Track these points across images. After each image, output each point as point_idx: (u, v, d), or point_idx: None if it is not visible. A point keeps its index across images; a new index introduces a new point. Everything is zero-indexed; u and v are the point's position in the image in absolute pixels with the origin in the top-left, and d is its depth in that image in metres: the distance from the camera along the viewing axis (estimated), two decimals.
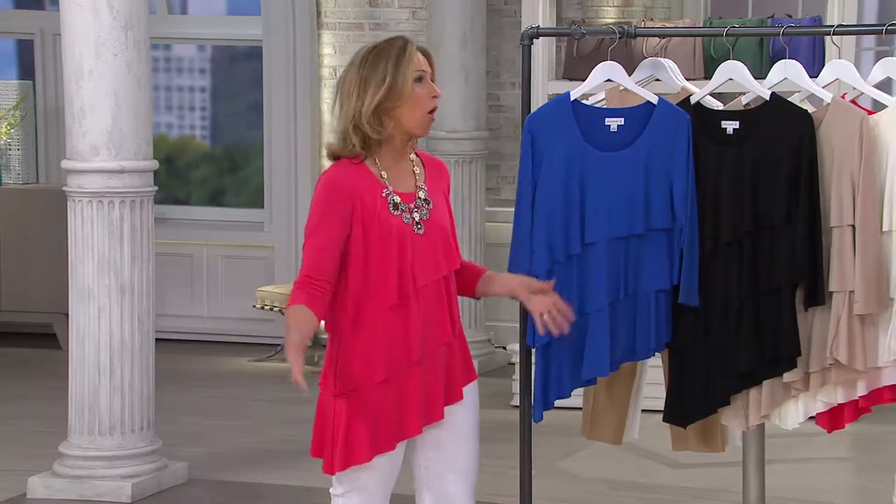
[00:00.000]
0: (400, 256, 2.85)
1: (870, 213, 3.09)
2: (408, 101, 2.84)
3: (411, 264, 2.87)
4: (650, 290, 3.16)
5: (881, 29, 3.17)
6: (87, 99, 4.58)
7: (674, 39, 5.46)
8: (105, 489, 4.59)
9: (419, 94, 2.85)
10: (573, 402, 3.41)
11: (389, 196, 2.88)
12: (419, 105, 2.86)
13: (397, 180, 2.91)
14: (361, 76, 2.85)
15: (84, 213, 4.61)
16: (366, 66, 2.85)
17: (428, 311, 2.89)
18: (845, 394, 3.16)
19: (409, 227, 2.88)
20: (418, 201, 2.90)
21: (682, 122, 3.16)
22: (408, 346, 2.88)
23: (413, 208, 2.89)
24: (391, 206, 2.87)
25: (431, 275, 2.88)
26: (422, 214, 2.90)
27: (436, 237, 2.90)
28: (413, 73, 2.84)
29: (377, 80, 2.84)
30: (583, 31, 3.33)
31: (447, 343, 2.93)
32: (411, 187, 2.92)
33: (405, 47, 2.85)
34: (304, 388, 2.76)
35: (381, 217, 2.85)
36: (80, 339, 4.62)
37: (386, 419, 2.88)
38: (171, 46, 7.70)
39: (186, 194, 7.74)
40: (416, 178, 2.94)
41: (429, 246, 2.89)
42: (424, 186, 2.93)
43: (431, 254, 2.89)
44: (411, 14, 7.18)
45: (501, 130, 7.06)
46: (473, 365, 3.01)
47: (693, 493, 4.69)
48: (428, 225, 2.90)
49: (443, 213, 2.94)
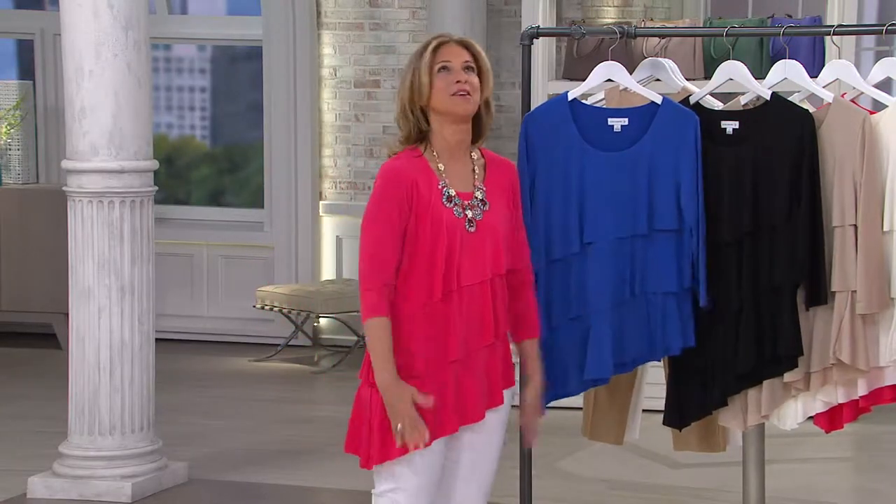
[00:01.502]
0: (448, 250, 2.85)
1: (871, 212, 3.09)
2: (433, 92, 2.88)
3: (458, 261, 2.86)
4: (657, 291, 3.15)
5: (881, 29, 3.17)
6: (87, 99, 4.58)
7: (674, 39, 5.46)
8: (105, 489, 4.59)
9: (439, 85, 2.89)
10: (574, 402, 3.40)
11: (445, 188, 2.89)
12: (444, 93, 2.88)
13: (455, 177, 2.91)
14: (403, 74, 2.95)
15: (84, 213, 4.61)
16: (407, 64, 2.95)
17: (471, 310, 2.88)
18: (846, 393, 3.16)
19: (461, 223, 2.88)
20: (474, 200, 2.90)
21: (689, 122, 3.15)
22: (448, 343, 2.87)
23: (467, 205, 2.89)
24: (445, 198, 2.88)
25: (477, 276, 2.88)
26: (475, 213, 2.90)
27: (486, 238, 2.89)
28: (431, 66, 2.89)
29: (406, 82, 2.92)
30: (583, 31, 3.33)
31: (489, 345, 2.91)
32: (469, 186, 2.92)
33: (428, 44, 2.92)
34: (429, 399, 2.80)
35: (434, 207, 2.86)
36: (80, 339, 4.62)
37: (423, 414, 2.85)
38: (172, 46, 7.70)
39: (186, 194, 7.74)
40: (476, 177, 2.94)
41: (478, 245, 2.88)
42: (483, 187, 2.93)
43: (480, 254, 2.88)
44: (411, 14, 7.18)
45: (502, 130, 7.06)
46: (513, 371, 3.00)
47: (693, 493, 4.69)
48: (480, 225, 2.89)
49: (499, 215, 2.93)
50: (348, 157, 7.24)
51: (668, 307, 3.14)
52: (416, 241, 2.85)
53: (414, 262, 2.85)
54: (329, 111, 7.30)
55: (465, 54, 2.91)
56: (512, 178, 2.99)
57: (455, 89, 2.87)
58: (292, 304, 6.75)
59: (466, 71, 2.90)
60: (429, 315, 2.85)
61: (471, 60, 2.91)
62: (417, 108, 2.90)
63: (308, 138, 7.21)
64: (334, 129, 7.30)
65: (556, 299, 3.17)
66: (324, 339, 7.18)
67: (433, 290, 2.85)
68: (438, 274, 2.84)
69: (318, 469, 4.98)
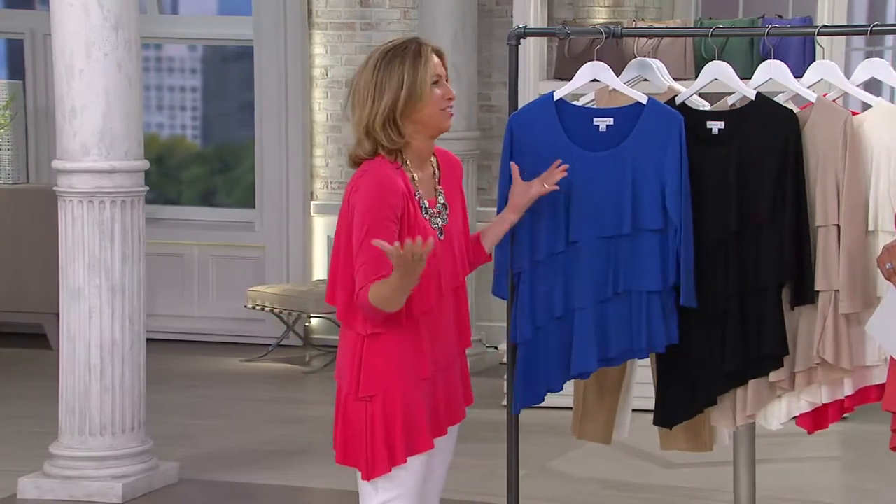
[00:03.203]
0: (431, 262, 2.80)
1: (854, 212, 3.09)
2: (427, 104, 2.79)
3: (439, 270, 2.85)
4: (642, 289, 3.16)
5: (866, 29, 3.17)
6: (77, 99, 4.57)
7: (665, 40, 5.46)
8: (96, 489, 4.58)
9: (437, 98, 2.80)
10: (564, 402, 3.41)
11: (420, 200, 2.86)
12: (436, 107, 2.81)
13: (424, 185, 2.88)
14: (376, 80, 2.78)
15: (75, 212, 4.60)
16: (380, 70, 2.78)
17: (451, 316, 2.89)
18: (830, 393, 3.16)
19: (435, 233, 2.86)
20: (439, 206, 2.89)
21: (674, 122, 3.15)
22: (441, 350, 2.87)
23: (436, 213, 2.88)
24: (423, 210, 2.85)
25: (453, 280, 2.88)
26: (443, 220, 2.89)
27: (453, 243, 2.90)
28: (431, 76, 2.79)
29: (394, 86, 2.77)
30: (568, 32, 3.34)
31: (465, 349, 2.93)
32: (432, 193, 2.89)
33: (420, 50, 2.79)
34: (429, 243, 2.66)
35: (419, 222, 2.82)
36: (71, 339, 4.61)
37: (421, 419, 2.86)
38: (162, 46, 7.68)
39: (177, 194, 7.73)
40: (436, 181, 2.91)
41: (448, 251, 2.88)
42: (442, 189, 2.91)
43: (451, 260, 2.89)
44: (402, 14, 7.18)
45: (493, 130, 7.06)
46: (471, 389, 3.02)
47: (685, 493, 4.70)
48: (447, 230, 2.89)
49: (457, 215, 2.93)
50: (339, 157, 7.23)
51: (653, 305, 3.15)
52: None
53: None
54: (320, 111, 7.29)
55: (441, 64, 2.86)
56: (458, 169, 2.98)
57: (446, 104, 2.83)
58: (283, 304, 6.75)
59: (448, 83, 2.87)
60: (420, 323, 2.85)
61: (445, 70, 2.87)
62: (399, 119, 2.79)
63: (299, 138, 7.20)
64: (325, 129, 7.30)
65: (541, 299, 3.18)
66: (315, 339, 7.17)
67: (426, 299, 2.83)
68: (429, 285, 2.82)
69: (309, 469, 4.98)
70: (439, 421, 2.91)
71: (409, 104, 2.78)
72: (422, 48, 2.81)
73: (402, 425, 2.84)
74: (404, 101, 2.77)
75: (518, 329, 3.16)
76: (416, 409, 2.85)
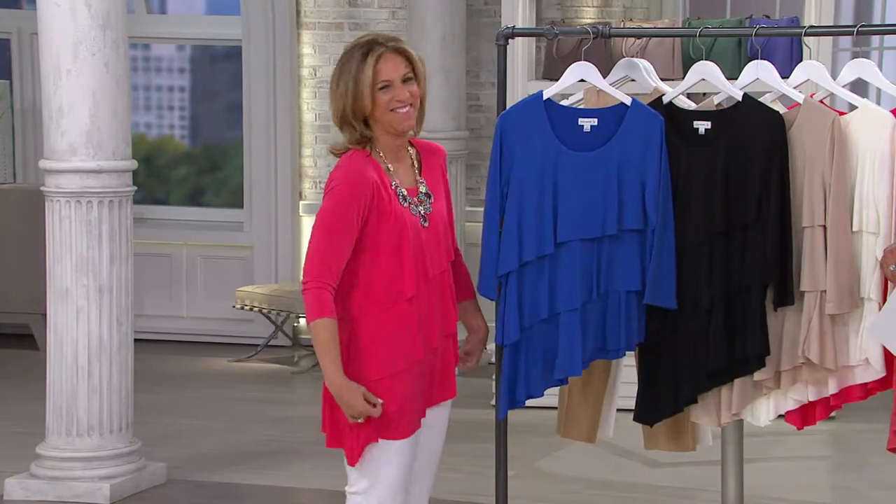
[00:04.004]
0: (414, 248, 2.88)
1: (841, 213, 3.10)
2: (375, 107, 2.87)
3: (422, 257, 2.90)
4: (621, 289, 3.17)
5: (853, 30, 3.18)
6: (64, 98, 4.56)
7: (653, 40, 5.47)
8: (83, 490, 4.57)
9: (382, 102, 2.86)
10: (551, 402, 3.41)
11: (398, 189, 2.92)
12: (384, 110, 2.87)
13: (401, 175, 2.95)
14: (336, 79, 2.89)
15: (62, 213, 4.59)
16: (338, 68, 2.88)
17: (435, 302, 2.93)
18: (816, 392, 3.17)
19: (417, 220, 2.91)
20: (421, 196, 2.94)
21: (655, 123, 3.16)
22: (425, 336, 2.91)
23: (417, 202, 2.93)
24: (400, 198, 2.90)
25: (437, 268, 2.92)
26: (425, 208, 2.94)
27: (438, 230, 2.95)
28: (373, 82, 2.84)
29: (342, 87, 2.87)
30: (555, 32, 3.34)
31: (453, 333, 2.97)
32: (412, 182, 2.95)
33: (368, 54, 2.85)
34: (377, 405, 2.83)
35: (396, 210, 2.88)
36: (58, 339, 4.60)
37: (407, 406, 2.89)
38: (150, 46, 7.67)
39: (165, 194, 7.72)
40: (415, 172, 2.97)
41: (433, 238, 2.94)
42: (423, 179, 2.97)
43: (436, 246, 2.94)
44: (391, 14, 7.18)
45: (482, 130, 7.06)
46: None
47: (671, 492, 4.71)
48: (431, 218, 2.94)
49: (441, 203, 2.98)
50: (328, 157, 7.23)
51: (631, 305, 3.17)
52: (379, 244, 2.86)
53: (378, 264, 2.87)
54: (309, 111, 7.29)
55: (403, 65, 2.88)
56: (442, 162, 3.02)
57: (396, 106, 2.88)
58: (272, 304, 6.74)
59: (406, 83, 2.89)
60: (404, 310, 2.88)
61: (409, 70, 2.89)
62: (359, 118, 2.87)
63: (288, 138, 7.19)
64: (314, 129, 7.29)
65: (528, 301, 3.18)
66: (303, 339, 7.17)
67: (403, 290, 2.87)
68: (410, 272, 2.86)
69: (297, 469, 4.97)
70: (431, 398, 2.96)
71: (354, 106, 2.87)
72: (371, 52, 2.86)
73: (389, 411, 2.87)
74: (350, 103, 2.86)
75: (506, 331, 3.16)
76: (399, 395, 2.88)
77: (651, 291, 3.14)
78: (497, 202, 3.15)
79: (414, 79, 2.90)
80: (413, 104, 2.90)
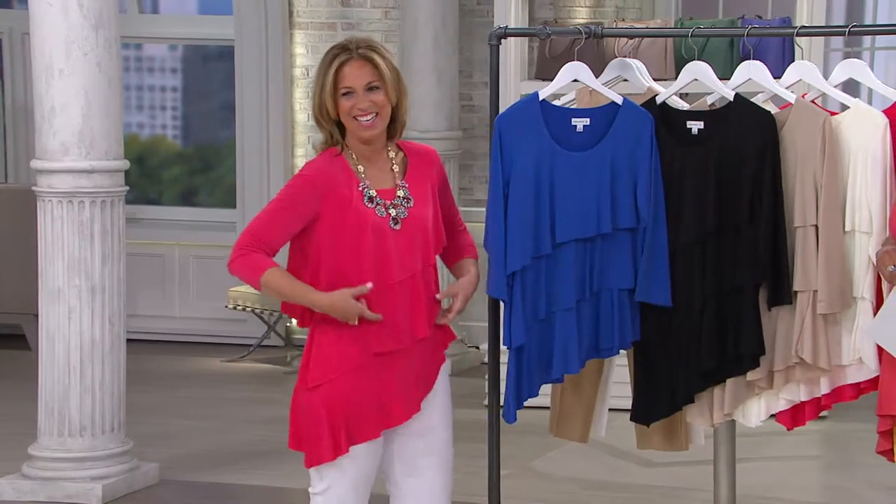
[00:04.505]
0: (375, 249, 2.88)
1: (832, 213, 3.11)
2: (339, 112, 2.90)
3: (385, 259, 2.89)
4: (614, 288, 3.18)
5: (845, 30, 3.19)
6: (56, 98, 4.55)
7: (645, 40, 5.48)
8: (75, 491, 4.57)
9: (344, 108, 2.90)
10: (545, 402, 3.42)
11: (365, 189, 2.92)
12: (346, 115, 2.91)
13: (375, 177, 2.95)
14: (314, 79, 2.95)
15: (54, 213, 4.58)
16: (316, 70, 2.95)
17: (403, 305, 2.92)
18: (808, 391, 3.18)
19: (385, 221, 2.90)
20: (397, 199, 2.93)
21: (645, 122, 3.17)
22: (380, 338, 2.91)
23: (390, 205, 2.92)
24: (366, 199, 2.91)
25: (406, 271, 2.91)
26: (399, 212, 2.92)
27: (414, 234, 2.93)
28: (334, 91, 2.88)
29: (314, 90, 2.92)
30: (548, 32, 3.35)
31: (424, 338, 2.95)
32: (390, 185, 2.94)
33: (333, 60, 2.89)
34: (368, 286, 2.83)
35: (357, 208, 2.89)
36: (50, 339, 4.59)
37: (366, 408, 2.90)
38: (143, 46, 7.66)
39: (158, 194, 7.71)
40: (396, 175, 2.96)
41: (405, 243, 2.92)
42: (405, 184, 2.95)
43: (408, 251, 2.92)
44: (384, 14, 7.18)
45: (474, 130, 7.06)
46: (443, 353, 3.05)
47: (664, 492, 4.71)
48: (406, 221, 2.92)
49: (425, 208, 2.96)
50: None
51: (624, 303, 3.18)
52: (338, 243, 2.88)
53: (343, 261, 2.89)
54: (301, 111, 7.28)
55: (368, 72, 2.89)
56: (434, 166, 3.01)
57: (357, 114, 2.90)
58: (264, 304, 6.74)
59: (370, 91, 2.90)
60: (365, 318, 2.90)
61: (374, 79, 2.89)
62: (329, 120, 2.91)
63: (280, 138, 7.19)
64: (307, 129, 7.29)
65: (528, 302, 3.18)
66: (296, 339, 7.16)
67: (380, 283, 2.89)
68: (368, 273, 2.88)
69: (289, 469, 4.97)
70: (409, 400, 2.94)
71: (320, 109, 2.91)
72: (337, 57, 2.90)
73: (346, 415, 2.89)
74: (317, 105, 2.91)
75: (513, 334, 3.16)
76: (360, 398, 2.89)
77: (642, 289, 3.15)
78: (501, 203, 3.15)
79: (380, 88, 2.90)
80: (378, 113, 2.90)
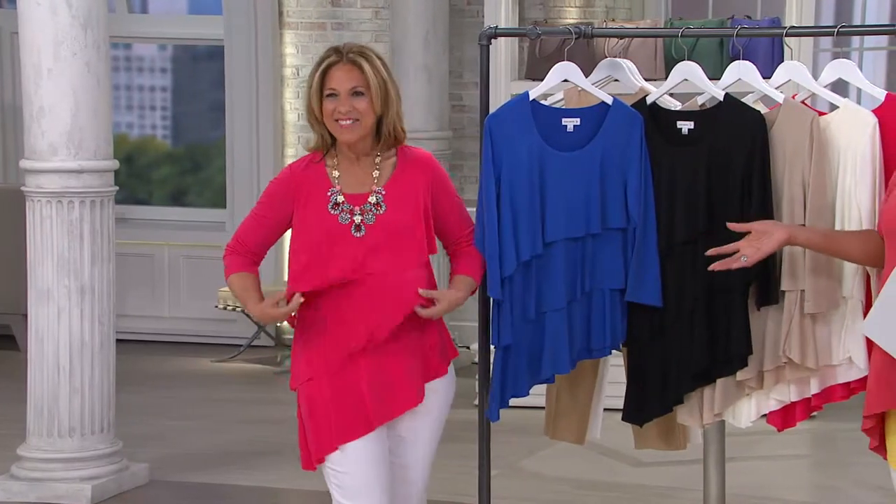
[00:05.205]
0: (328, 254, 2.93)
1: (821, 213, 3.11)
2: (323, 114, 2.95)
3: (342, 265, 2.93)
4: (605, 288, 3.18)
5: (834, 30, 3.20)
6: (45, 98, 4.54)
7: (635, 40, 5.48)
8: (64, 491, 4.56)
9: (327, 110, 2.95)
10: (536, 402, 3.41)
11: (333, 195, 2.96)
12: (328, 118, 2.95)
13: (351, 182, 2.98)
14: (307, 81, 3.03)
15: (43, 213, 4.57)
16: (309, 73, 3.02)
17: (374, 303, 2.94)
18: (798, 392, 3.18)
19: (346, 228, 2.94)
20: (367, 206, 2.96)
21: (635, 122, 3.18)
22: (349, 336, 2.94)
23: (357, 211, 2.95)
24: (331, 205, 2.95)
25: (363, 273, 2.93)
26: (367, 218, 2.94)
27: (379, 240, 2.95)
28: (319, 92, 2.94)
29: (305, 90, 2.99)
30: (538, 32, 3.35)
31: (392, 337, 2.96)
32: (365, 190, 2.97)
33: (321, 64, 2.95)
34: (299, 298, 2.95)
35: (319, 214, 2.95)
36: (39, 340, 4.58)
37: (345, 407, 2.92)
38: (132, 45, 7.64)
39: (147, 194, 7.70)
40: (375, 181, 2.97)
41: (371, 248, 2.94)
42: (382, 191, 2.97)
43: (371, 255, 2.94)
44: (374, 14, 7.17)
45: (464, 130, 7.06)
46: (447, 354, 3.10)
47: (655, 492, 4.72)
48: (371, 228, 2.95)
49: (400, 213, 2.97)
50: None
51: (615, 304, 3.18)
52: (299, 244, 2.98)
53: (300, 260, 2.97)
54: (291, 111, 7.27)
55: (354, 77, 2.92)
56: (427, 173, 3.03)
57: (339, 117, 2.94)
58: None
59: (354, 96, 2.92)
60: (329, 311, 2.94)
61: (359, 84, 2.92)
62: (317, 121, 2.97)
63: (270, 138, 7.18)
64: (296, 129, 7.28)
65: (518, 302, 3.18)
66: (286, 339, 7.16)
67: (321, 288, 2.95)
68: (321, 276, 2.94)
69: (280, 470, 4.97)
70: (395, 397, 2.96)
71: (309, 109, 2.97)
72: (326, 59, 2.95)
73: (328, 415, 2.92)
74: (306, 107, 2.97)
75: (501, 334, 3.16)
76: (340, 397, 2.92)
77: (632, 289, 3.16)
78: (493, 203, 3.15)
79: (365, 95, 2.92)
80: (359, 119, 2.93)
